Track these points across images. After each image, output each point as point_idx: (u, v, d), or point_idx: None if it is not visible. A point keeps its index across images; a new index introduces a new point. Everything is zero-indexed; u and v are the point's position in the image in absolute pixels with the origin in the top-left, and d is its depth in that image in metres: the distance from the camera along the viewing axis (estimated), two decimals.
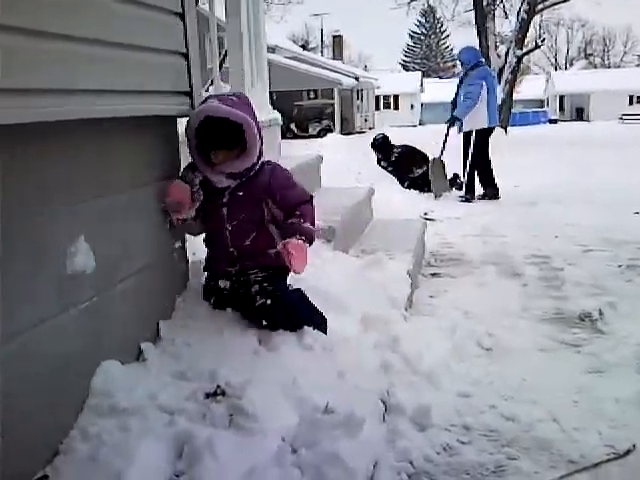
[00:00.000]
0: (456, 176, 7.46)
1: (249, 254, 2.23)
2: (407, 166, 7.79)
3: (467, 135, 6.96)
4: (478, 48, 7.74)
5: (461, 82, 7.12)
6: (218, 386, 1.83)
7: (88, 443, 1.62)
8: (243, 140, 2.12)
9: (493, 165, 7.07)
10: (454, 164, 7.24)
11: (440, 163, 7.37)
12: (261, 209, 2.25)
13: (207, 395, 1.81)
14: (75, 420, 1.67)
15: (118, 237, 1.91)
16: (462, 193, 7.08)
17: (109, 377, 1.78)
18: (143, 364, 1.93)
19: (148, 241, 2.08)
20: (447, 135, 7.33)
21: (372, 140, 8.45)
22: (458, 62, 8.05)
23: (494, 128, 7.06)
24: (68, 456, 1.58)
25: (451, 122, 7.09)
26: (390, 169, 7.94)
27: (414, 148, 8.19)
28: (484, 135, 6.91)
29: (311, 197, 2.33)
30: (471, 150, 6.89)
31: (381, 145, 8.29)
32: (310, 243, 2.20)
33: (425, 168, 7.61)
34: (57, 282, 1.62)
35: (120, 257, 1.91)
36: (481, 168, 6.95)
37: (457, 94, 7.12)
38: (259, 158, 2.20)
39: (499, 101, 6.94)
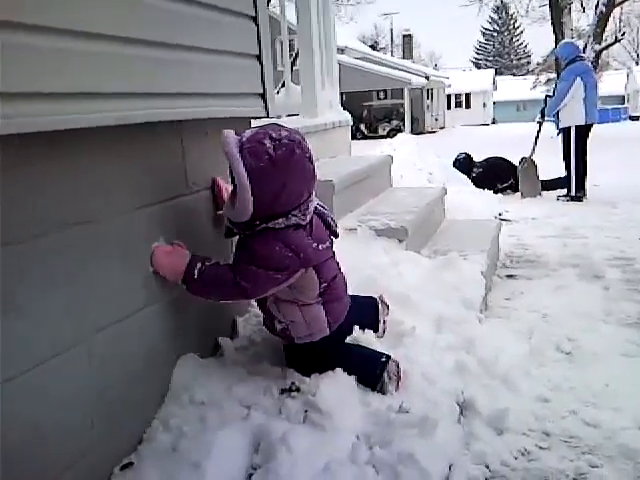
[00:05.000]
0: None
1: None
2: (488, 183, 7.34)
3: (566, 132, 6.79)
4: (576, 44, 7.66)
5: (558, 78, 7.03)
6: (293, 382, 1.86)
7: (169, 433, 1.67)
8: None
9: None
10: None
11: (532, 163, 7.16)
12: None
13: (282, 391, 1.84)
14: (157, 411, 1.73)
15: (197, 235, 1.97)
16: (564, 192, 6.89)
17: (188, 370, 1.84)
18: (220, 359, 1.98)
19: (225, 240, 2.13)
20: (539, 133, 7.16)
21: (454, 160, 8.12)
22: (555, 58, 8.18)
23: (592, 125, 6.80)
24: (151, 445, 1.65)
25: (541, 119, 7.07)
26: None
27: (496, 163, 7.79)
28: (581, 132, 6.72)
29: (240, 287, 1.76)
30: (572, 148, 6.72)
31: (462, 164, 7.94)
32: (186, 278, 1.76)
33: (511, 181, 7.35)
34: (142, 278, 1.69)
35: (199, 254, 1.96)
36: (577, 166, 6.79)
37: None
38: (260, 221, 1.75)
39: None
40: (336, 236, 1.99)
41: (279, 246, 1.75)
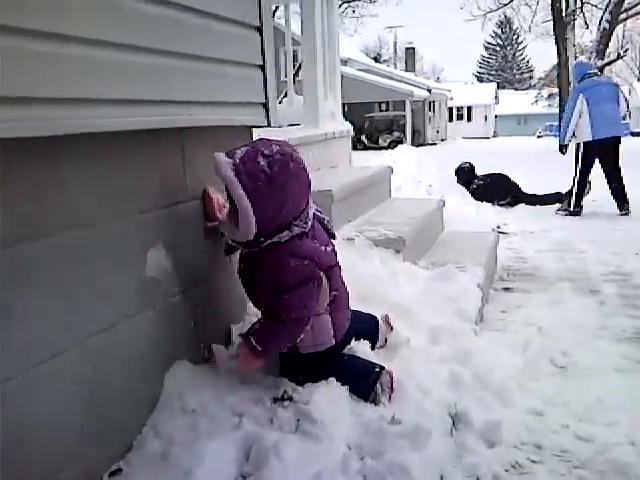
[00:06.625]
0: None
1: None
2: (486, 197, 7.33)
3: (577, 148, 6.87)
4: (589, 61, 7.67)
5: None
6: (285, 391, 1.85)
7: (159, 440, 1.66)
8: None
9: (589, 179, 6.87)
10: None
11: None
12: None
13: (274, 400, 1.83)
14: (148, 417, 1.73)
15: (194, 242, 1.98)
16: (565, 206, 6.89)
17: (180, 377, 1.83)
18: (214, 366, 1.98)
19: (222, 247, 2.14)
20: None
21: (457, 167, 8.09)
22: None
23: (605, 140, 6.71)
24: (141, 452, 1.63)
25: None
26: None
27: (497, 180, 7.68)
28: (590, 148, 6.71)
29: (294, 319, 1.80)
30: (579, 164, 6.78)
31: (464, 174, 7.92)
32: (258, 354, 1.84)
33: (509, 199, 7.33)
34: (136, 284, 1.69)
35: (195, 261, 1.97)
36: (580, 181, 6.80)
37: None
38: (264, 238, 1.76)
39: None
40: (334, 238, 2.01)
41: (292, 260, 1.76)
